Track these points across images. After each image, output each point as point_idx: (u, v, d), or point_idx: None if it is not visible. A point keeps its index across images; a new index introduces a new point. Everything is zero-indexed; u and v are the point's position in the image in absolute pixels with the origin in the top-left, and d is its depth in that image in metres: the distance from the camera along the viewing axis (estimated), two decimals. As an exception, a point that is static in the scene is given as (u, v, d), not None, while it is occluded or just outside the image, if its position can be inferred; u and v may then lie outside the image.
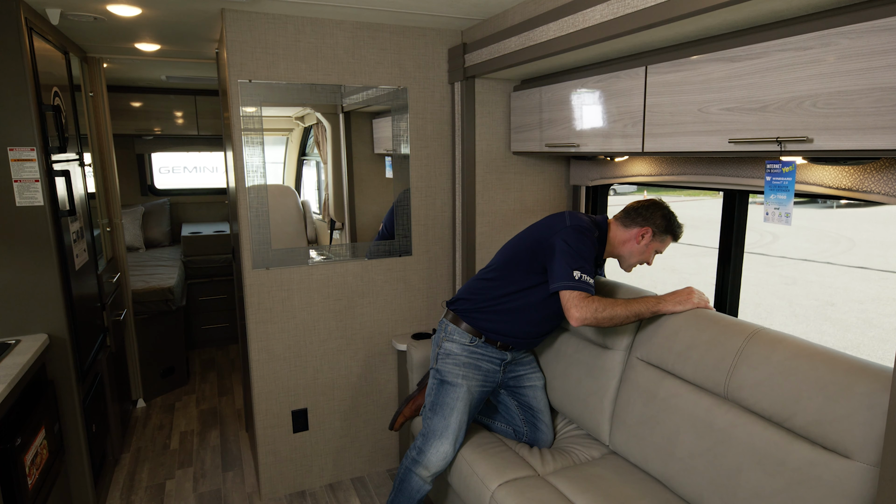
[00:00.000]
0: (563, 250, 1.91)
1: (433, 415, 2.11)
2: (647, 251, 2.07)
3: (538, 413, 2.26)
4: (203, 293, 4.73)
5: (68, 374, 2.29)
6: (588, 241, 1.95)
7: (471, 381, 2.10)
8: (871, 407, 1.36)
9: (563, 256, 1.90)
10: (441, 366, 2.12)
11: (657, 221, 2.03)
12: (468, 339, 2.11)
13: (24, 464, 1.80)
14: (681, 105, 1.71)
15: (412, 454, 2.13)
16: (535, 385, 2.29)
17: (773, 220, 1.63)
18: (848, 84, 1.27)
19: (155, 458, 3.12)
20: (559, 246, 1.92)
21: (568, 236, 1.93)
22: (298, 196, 2.94)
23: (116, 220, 3.45)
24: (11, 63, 2.03)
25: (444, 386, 2.09)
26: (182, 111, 4.82)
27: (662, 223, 2.03)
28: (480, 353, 2.12)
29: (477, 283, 2.16)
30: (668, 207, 2.08)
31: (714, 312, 1.91)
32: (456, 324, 2.13)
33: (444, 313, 2.20)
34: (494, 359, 2.14)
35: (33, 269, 2.18)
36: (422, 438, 2.11)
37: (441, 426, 2.08)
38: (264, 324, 2.59)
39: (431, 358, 2.19)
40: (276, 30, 2.40)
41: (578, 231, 1.95)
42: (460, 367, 2.09)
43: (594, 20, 1.77)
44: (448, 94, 2.76)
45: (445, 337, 2.14)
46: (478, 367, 2.11)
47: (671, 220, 2.05)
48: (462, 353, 2.10)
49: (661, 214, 2.04)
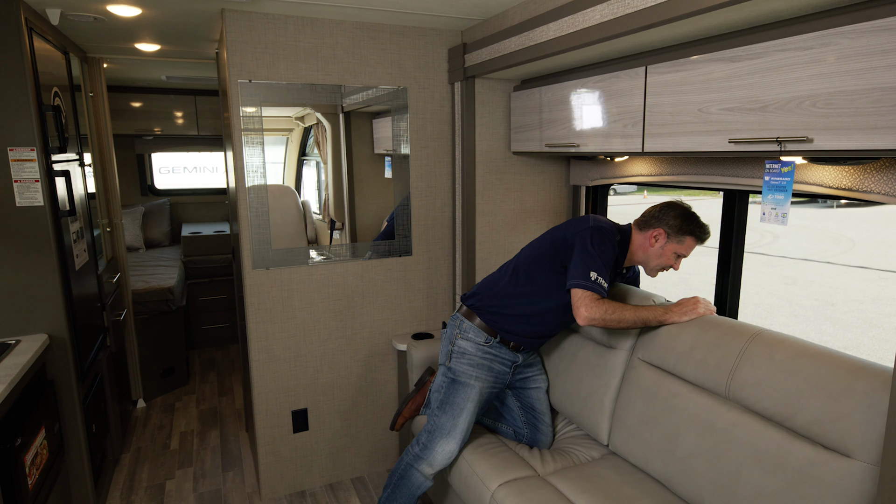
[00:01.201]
0: (583, 250, 1.91)
1: (441, 413, 2.08)
2: (664, 254, 2.01)
3: (540, 415, 2.26)
4: (203, 293, 4.73)
5: (68, 374, 2.29)
6: (609, 244, 1.94)
7: (483, 383, 2.08)
8: (871, 406, 1.36)
9: (582, 256, 1.90)
10: (454, 364, 2.09)
11: (670, 222, 1.98)
12: (483, 338, 2.08)
13: (24, 464, 1.80)
14: (681, 105, 1.71)
15: (415, 450, 2.11)
16: (539, 387, 2.29)
17: (769, 220, 1.63)
18: (848, 84, 1.27)
19: (155, 458, 3.12)
20: (579, 245, 1.93)
21: (590, 237, 1.92)
22: (298, 196, 2.94)
23: (116, 220, 3.45)
24: (11, 63, 2.03)
25: (456, 385, 2.07)
26: (182, 111, 4.82)
27: (676, 223, 1.97)
28: (494, 354, 2.10)
29: (496, 279, 2.14)
30: (685, 207, 2.02)
31: (718, 317, 1.91)
32: (470, 319, 2.10)
33: (458, 307, 2.17)
34: (506, 360, 2.13)
35: (33, 269, 2.18)
36: (427, 435, 2.09)
37: (449, 425, 2.06)
38: (264, 324, 2.59)
39: (442, 354, 2.16)
40: (276, 30, 2.40)
41: (600, 232, 1.94)
42: (473, 368, 2.07)
43: (594, 20, 1.77)
44: (448, 94, 2.76)
45: (460, 334, 2.11)
46: (490, 368, 2.10)
47: (686, 219, 1.98)
48: (476, 353, 2.08)
49: (675, 214, 1.98)
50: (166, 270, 4.25)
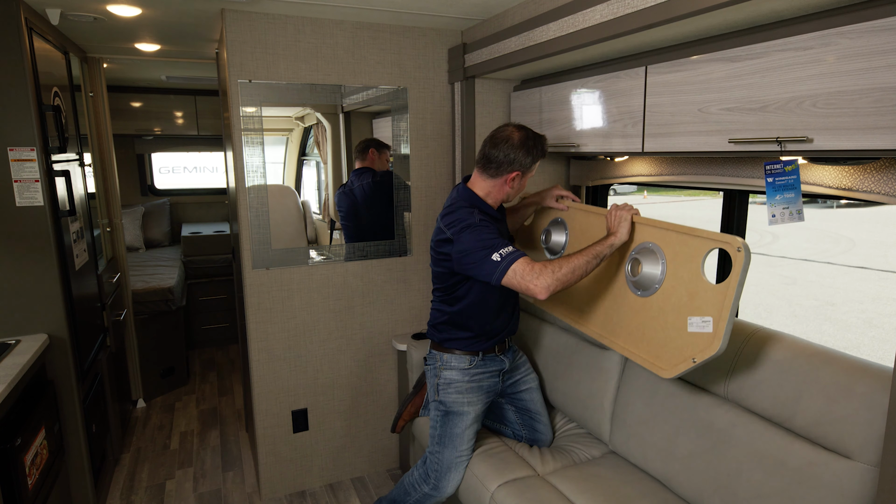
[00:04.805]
0: (467, 255, 1.78)
1: (442, 448, 2.05)
2: (522, 186, 1.96)
3: (536, 415, 2.24)
4: (203, 293, 4.73)
5: (68, 374, 2.29)
6: (471, 229, 1.79)
7: (476, 405, 2.05)
8: (871, 407, 1.36)
9: (472, 258, 1.76)
10: (443, 396, 2.04)
11: (521, 160, 1.86)
12: (467, 361, 2.02)
13: (24, 464, 1.80)
14: (681, 105, 1.71)
15: (425, 489, 2.07)
16: (530, 388, 2.25)
17: (783, 220, 1.59)
18: (848, 84, 1.27)
19: (155, 458, 3.12)
20: (461, 258, 1.80)
21: (459, 246, 1.80)
22: (298, 196, 2.94)
23: (116, 220, 3.45)
24: (11, 63, 2.03)
25: (450, 416, 2.04)
26: (182, 111, 4.82)
27: (528, 160, 1.87)
28: (481, 371, 2.05)
29: (433, 307, 2.09)
30: (524, 134, 1.87)
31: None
32: (446, 351, 2.05)
33: (430, 345, 2.13)
34: (494, 371, 2.09)
35: (33, 269, 2.18)
36: (435, 474, 2.06)
37: (453, 458, 2.04)
38: (264, 324, 2.59)
39: (431, 389, 2.10)
40: (276, 30, 2.40)
41: (458, 233, 1.81)
42: (464, 395, 2.03)
43: (594, 20, 1.77)
44: (448, 94, 2.76)
45: (443, 366, 2.05)
46: (480, 387, 2.06)
47: (533, 149, 1.87)
48: (463, 379, 2.03)
49: (524, 151, 1.86)
50: (166, 270, 4.25)
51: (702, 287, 1.58)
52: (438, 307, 2.06)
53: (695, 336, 1.58)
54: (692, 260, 1.62)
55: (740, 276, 1.45)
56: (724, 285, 1.51)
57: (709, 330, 1.54)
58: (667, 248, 1.71)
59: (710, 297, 1.54)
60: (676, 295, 1.65)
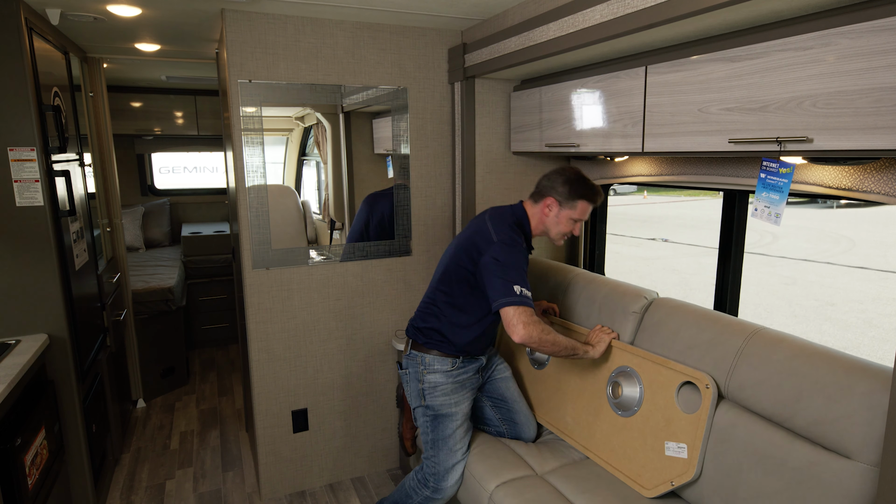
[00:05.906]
0: (497, 267, 1.85)
1: (437, 451, 2.05)
2: (561, 222, 1.98)
3: (513, 403, 2.22)
4: (203, 293, 4.73)
5: (68, 374, 2.29)
6: (517, 250, 1.89)
7: (462, 404, 2.06)
8: (871, 407, 1.36)
9: (499, 273, 1.84)
10: (430, 401, 2.04)
11: (559, 189, 1.95)
12: (449, 363, 2.03)
13: (24, 464, 1.80)
14: (681, 105, 1.71)
15: (426, 492, 2.08)
16: (504, 376, 2.25)
17: (761, 217, 1.62)
18: (848, 84, 1.27)
19: (155, 458, 3.12)
20: (491, 264, 1.86)
21: (498, 253, 1.87)
22: (298, 196, 2.94)
23: (116, 221, 3.45)
24: (11, 63, 2.03)
25: (439, 419, 2.05)
26: (182, 111, 4.83)
27: (564, 190, 1.95)
28: (464, 370, 2.06)
29: (427, 307, 2.08)
30: (573, 171, 1.98)
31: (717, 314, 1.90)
32: (428, 353, 2.04)
33: (409, 344, 2.11)
34: (475, 369, 2.10)
35: (33, 269, 2.18)
36: (433, 478, 2.06)
37: (448, 459, 2.05)
38: (264, 324, 2.59)
39: (412, 395, 2.09)
40: (276, 30, 2.40)
41: (506, 245, 1.88)
42: (449, 396, 2.04)
43: (594, 20, 1.77)
44: (448, 94, 2.76)
45: (425, 370, 2.04)
46: (464, 385, 2.07)
47: (574, 184, 1.95)
48: (448, 381, 2.03)
49: (563, 181, 1.95)
50: (166, 270, 4.25)
51: (676, 415, 1.76)
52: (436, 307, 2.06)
53: (672, 460, 1.74)
54: (667, 388, 1.81)
55: (710, 410, 1.67)
56: (696, 416, 1.70)
57: (684, 456, 1.70)
58: (643, 374, 1.90)
59: (685, 425, 1.73)
60: (654, 419, 1.83)
